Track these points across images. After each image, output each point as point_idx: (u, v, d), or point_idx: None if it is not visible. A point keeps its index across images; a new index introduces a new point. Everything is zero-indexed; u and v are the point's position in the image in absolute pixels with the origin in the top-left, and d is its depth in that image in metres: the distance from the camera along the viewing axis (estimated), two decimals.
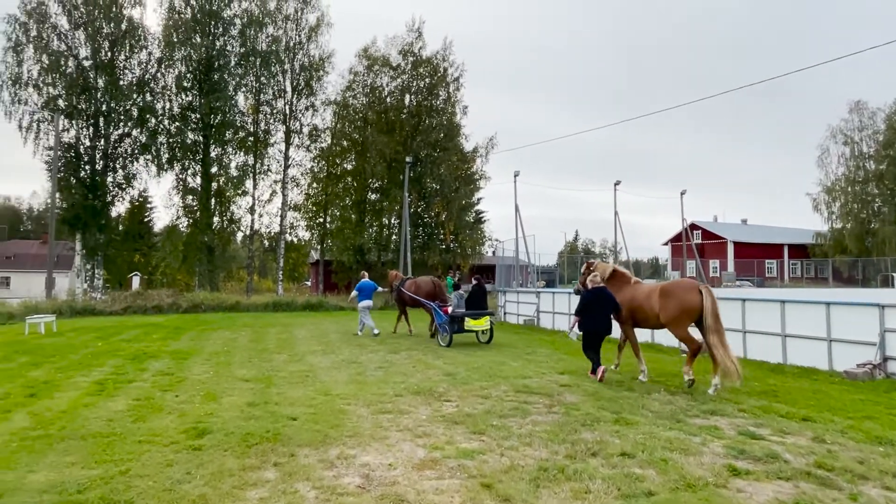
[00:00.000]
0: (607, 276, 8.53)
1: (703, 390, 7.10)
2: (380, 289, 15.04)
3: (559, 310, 15.93)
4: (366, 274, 14.71)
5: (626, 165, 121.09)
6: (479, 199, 44.47)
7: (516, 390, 7.15)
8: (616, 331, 8.67)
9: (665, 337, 10.85)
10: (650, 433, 5.15)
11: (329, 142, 34.18)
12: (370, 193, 35.15)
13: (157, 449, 4.47)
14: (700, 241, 50.23)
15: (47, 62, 25.95)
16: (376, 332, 13.39)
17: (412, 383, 7.49)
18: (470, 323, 11.71)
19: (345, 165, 35.08)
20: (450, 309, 11.78)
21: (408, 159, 29.88)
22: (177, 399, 6.29)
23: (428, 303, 12.73)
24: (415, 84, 34.53)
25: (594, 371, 7.94)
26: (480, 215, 47.64)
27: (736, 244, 49.82)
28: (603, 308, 8.02)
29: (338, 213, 34.58)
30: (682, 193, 36.24)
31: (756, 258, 46.88)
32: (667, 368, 8.96)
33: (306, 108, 33.12)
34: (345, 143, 34.57)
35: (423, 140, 33.70)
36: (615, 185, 34.45)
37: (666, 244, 56.96)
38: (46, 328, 14.05)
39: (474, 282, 13.07)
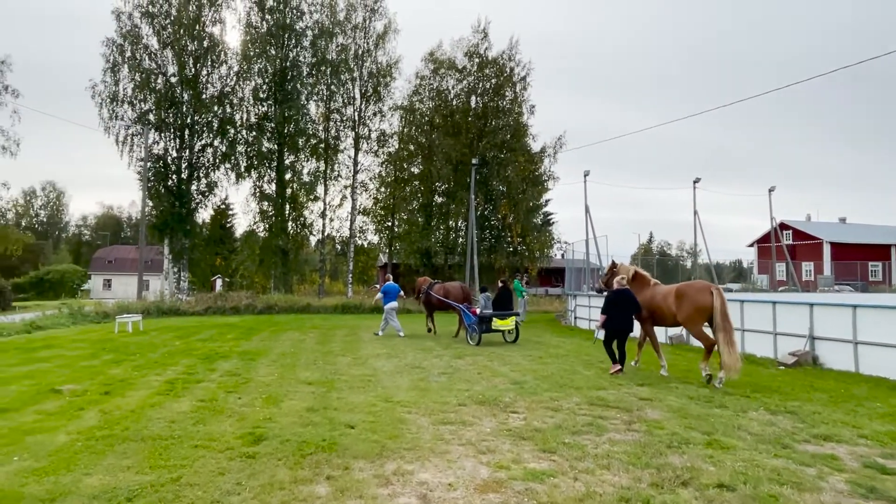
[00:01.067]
0: (631, 278, 9.08)
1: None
2: (401, 293, 15.35)
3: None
4: (390, 276, 15.25)
5: (707, 162, 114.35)
6: (546, 201, 43.46)
7: (590, 403, 6.55)
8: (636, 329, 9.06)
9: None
10: (751, 460, 4.43)
11: (396, 146, 34.56)
12: (437, 196, 35.19)
13: (211, 455, 4.34)
14: (791, 242, 46.27)
15: (139, 80, 27.93)
16: (402, 333, 13.79)
17: (476, 392, 7.07)
18: (497, 323, 12.37)
19: (412, 169, 35.34)
20: (478, 310, 12.53)
21: (474, 161, 29.58)
22: (239, 402, 6.25)
23: (458, 305, 13.49)
24: (481, 85, 34.21)
25: (618, 363, 8.60)
26: (548, 217, 46.51)
27: (833, 245, 45.44)
28: (626, 308, 8.53)
29: (405, 217, 34.87)
30: (771, 190, 33.53)
31: (857, 260, 42.46)
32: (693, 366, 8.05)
33: (374, 114, 33.72)
34: (411, 147, 34.83)
35: (490, 142, 33.28)
36: (694, 182, 32.42)
37: (751, 246, 52.97)
38: (134, 327, 14.92)
39: (500, 284, 13.95)
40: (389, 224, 35.22)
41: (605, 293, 9.10)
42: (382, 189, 35.06)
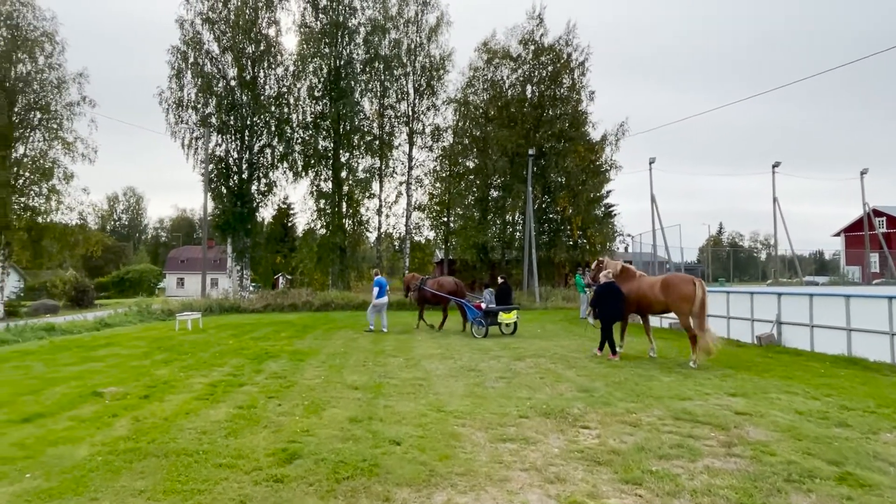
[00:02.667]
0: (618, 272, 10.10)
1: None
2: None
3: (715, 312, 13.51)
4: (378, 271, 15.39)
5: (781, 147, 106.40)
6: (608, 192, 41.41)
7: (675, 417, 5.58)
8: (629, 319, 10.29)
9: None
10: None
11: (450, 140, 33.94)
12: (492, 190, 34.29)
13: (235, 477, 3.80)
14: (885, 230, 41.88)
15: (201, 84, 28.75)
16: (385, 329, 14.15)
17: (540, 401, 6.26)
18: (503, 316, 12.92)
19: (466, 163, 34.62)
20: (483, 304, 12.97)
21: (530, 152, 28.48)
22: (278, 409, 5.75)
23: (460, 300, 14.02)
24: (536, 74, 32.95)
25: (613, 353, 9.49)
26: (610, 209, 44.43)
27: None
28: (614, 299, 9.48)
29: (460, 212, 34.20)
30: (863, 173, 30.35)
31: None
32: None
33: (428, 109, 33.20)
34: (466, 140, 34.10)
35: (547, 131, 32.01)
36: (773, 167, 29.85)
37: (837, 235, 48.51)
38: (193, 325, 15.08)
39: (501, 280, 14.34)
40: (445, 219, 34.67)
41: (595, 287, 10.04)
42: (437, 184, 34.55)
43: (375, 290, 14.23)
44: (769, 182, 30.36)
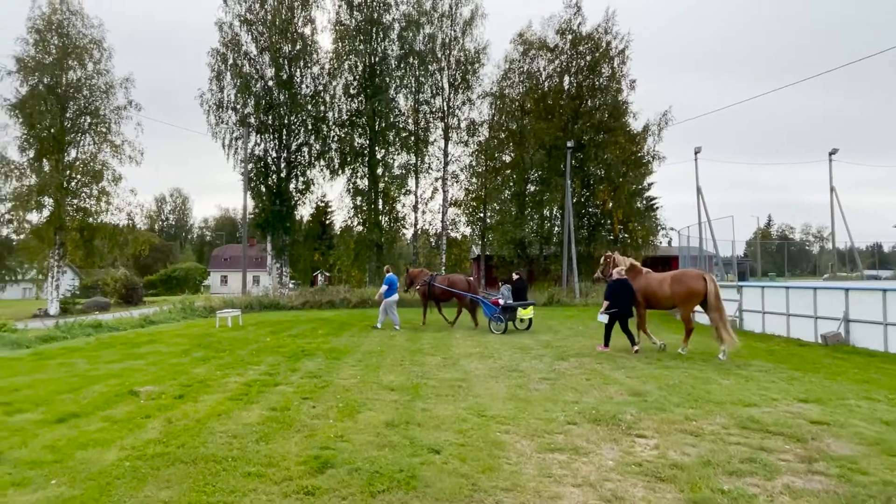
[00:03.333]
0: (626, 268, 10.14)
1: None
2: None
3: (773, 308, 12.66)
4: (389, 268, 15.30)
5: (831, 135, 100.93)
6: (649, 184, 40.08)
7: (741, 426, 5.06)
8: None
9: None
10: None
11: (486, 135, 33.45)
12: (529, 185, 33.62)
13: (264, 488, 3.56)
14: None
15: (240, 85, 29.23)
16: (397, 327, 13.96)
17: (588, 405, 5.82)
18: (521, 312, 13.25)
19: (503, 157, 34.07)
20: (502, 301, 13.09)
21: (569, 144, 27.69)
22: (312, 411, 5.52)
23: (477, 297, 14.22)
24: (574, 64, 32.04)
25: (606, 345, 9.81)
26: (652, 202, 43.01)
27: None
28: (626, 295, 9.56)
29: (497, 207, 33.68)
30: None
31: None
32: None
33: (463, 103, 32.80)
34: (502, 134, 33.55)
35: (586, 123, 31.13)
36: (830, 154, 28.16)
37: None
38: (233, 322, 15.22)
39: (516, 277, 14.40)
40: (481, 215, 34.22)
41: (609, 283, 9.95)
42: (473, 180, 34.13)
43: (384, 287, 14.12)
44: (819, 171, 28.55)
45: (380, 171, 31.32)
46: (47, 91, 27.57)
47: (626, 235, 32.44)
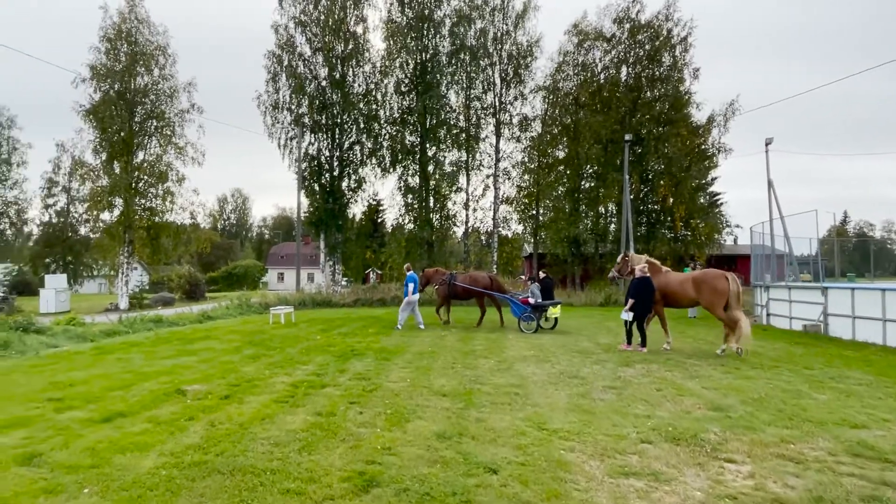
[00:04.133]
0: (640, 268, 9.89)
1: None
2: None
3: (865, 313, 11.38)
4: (409, 266, 14.85)
5: None
6: (713, 179, 38.05)
7: (851, 452, 4.31)
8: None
9: None
10: None
11: (539, 130, 32.59)
12: (584, 182, 32.50)
13: None
14: None
15: (294, 85, 29.73)
16: (421, 326, 13.62)
17: (663, 420, 5.18)
18: (550, 311, 13.03)
19: (556, 153, 33.11)
20: (532, 300, 12.84)
21: (627, 138, 26.43)
22: (359, 418, 5.18)
23: (505, 296, 13.83)
24: (633, 54, 30.69)
25: (643, 345, 9.55)
26: (716, 198, 40.78)
27: None
28: (649, 293, 9.49)
29: (550, 204, 32.75)
30: None
31: None
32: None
33: (515, 98, 32.06)
34: (555, 129, 32.60)
35: (644, 115, 29.76)
36: None
37: None
38: (286, 319, 15.30)
39: (542, 276, 14.31)
40: (533, 212, 33.40)
41: (632, 281, 9.76)
42: (525, 176, 33.35)
43: (411, 286, 13.64)
44: None
45: (431, 168, 31.08)
46: (118, 97, 29.01)
47: (687, 233, 30.78)
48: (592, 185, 31.94)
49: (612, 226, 33.22)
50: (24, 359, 8.88)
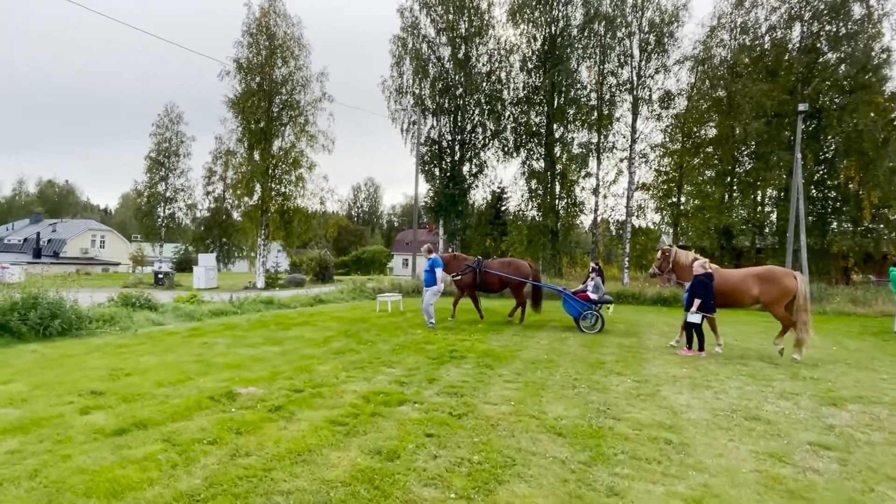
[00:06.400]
0: (690, 263, 9.20)
1: None
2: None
3: None
4: (431, 246, 12.42)
5: None
6: None
7: None
8: None
9: None
10: None
11: (684, 106, 28.51)
12: (738, 166, 27.80)
13: None
14: None
15: (416, 67, 29.10)
16: (432, 323, 11.06)
17: None
18: (604, 308, 11.74)
19: (704, 132, 28.77)
20: (593, 294, 11.32)
21: (801, 108, 21.71)
22: (431, 466, 3.59)
23: (559, 289, 12.09)
24: (808, 7, 25.29)
25: (701, 348, 8.59)
26: None
27: None
28: (710, 292, 8.60)
29: (695, 190, 28.56)
30: None
31: None
32: None
33: (656, 71, 28.31)
34: (704, 104, 28.26)
35: (823, 82, 24.37)
36: None
37: None
38: (393, 307, 14.37)
39: (594, 266, 13.36)
40: (674, 199, 29.43)
41: (698, 277, 8.67)
42: (666, 159, 29.47)
43: (439, 273, 11.46)
44: None
45: (557, 151, 28.67)
46: (258, 88, 30.64)
47: (881, 225, 24.86)
48: (751, 166, 27.18)
49: (773, 215, 28.13)
50: (119, 336, 8.72)
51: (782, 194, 26.45)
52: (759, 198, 28.72)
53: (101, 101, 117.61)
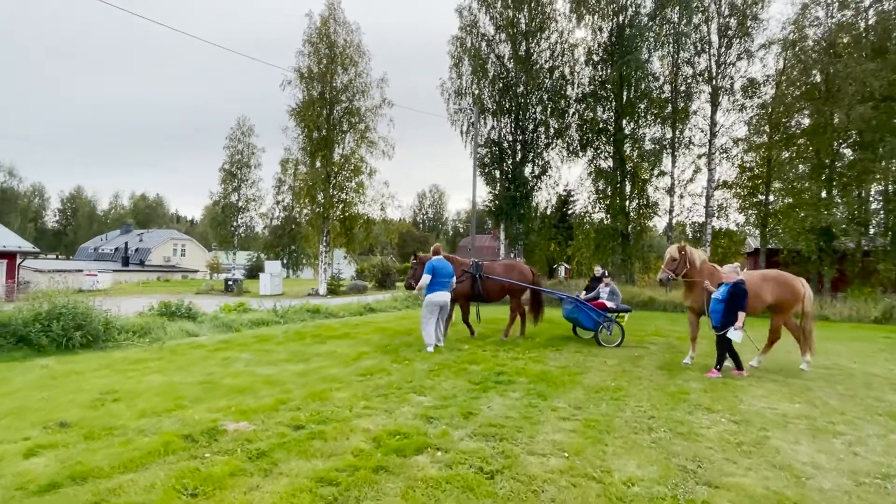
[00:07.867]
0: (699, 266, 8.36)
1: None
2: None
3: None
4: (440, 246, 9.85)
5: None
6: None
7: None
8: None
9: None
10: None
11: (771, 94, 25.64)
12: (837, 158, 24.53)
13: None
14: None
15: (475, 66, 28.11)
16: (430, 348, 8.72)
17: None
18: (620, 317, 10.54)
19: (795, 122, 25.72)
20: (610, 303, 10.27)
21: None
22: None
23: (572, 297, 10.60)
24: None
25: (740, 368, 7.59)
26: None
27: None
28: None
29: (786, 187, 25.51)
30: None
31: None
32: None
33: (738, 58, 25.72)
34: (795, 91, 25.25)
35: None
36: None
37: None
38: None
39: (600, 271, 11.87)
40: (761, 198, 26.49)
41: (733, 284, 7.35)
42: (751, 154, 26.60)
43: (453, 281, 9.31)
44: None
45: (627, 148, 26.63)
46: (319, 96, 30.85)
47: None
48: (853, 158, 23.91)
49: (882, 213, 24.59)
50: (143, 349, 8.24)
51: (893, 188, 23.06)
52: (863, 194, 25.26)
53: (200, 118, 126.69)
